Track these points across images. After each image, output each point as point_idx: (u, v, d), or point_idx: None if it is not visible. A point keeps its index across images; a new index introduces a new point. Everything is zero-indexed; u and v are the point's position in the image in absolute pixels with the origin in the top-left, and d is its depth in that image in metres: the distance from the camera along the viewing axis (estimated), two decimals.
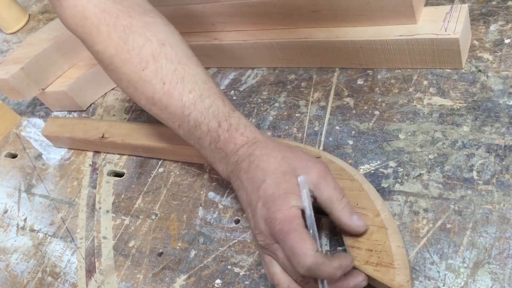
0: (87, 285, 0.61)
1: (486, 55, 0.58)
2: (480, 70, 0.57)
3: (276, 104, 0.67)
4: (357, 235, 0.47)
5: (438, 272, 0.45)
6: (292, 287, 0.45)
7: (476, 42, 0.59)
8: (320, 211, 0.54)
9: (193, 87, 0.53)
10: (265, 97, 0.68)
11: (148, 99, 0.55)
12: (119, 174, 0.72)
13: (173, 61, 0.54)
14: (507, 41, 0.57)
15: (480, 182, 0.49)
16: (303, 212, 0.45)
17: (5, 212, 0.77)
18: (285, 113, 0.65)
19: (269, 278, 0.47)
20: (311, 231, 0.44)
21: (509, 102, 0.53)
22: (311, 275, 0.42)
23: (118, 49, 0.54)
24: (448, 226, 0.48)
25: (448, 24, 0.55)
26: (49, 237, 0.69)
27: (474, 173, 0.50)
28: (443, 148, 0.53)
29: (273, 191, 0.45)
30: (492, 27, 0.59)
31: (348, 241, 0.47)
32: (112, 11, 0.55)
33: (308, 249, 0.41)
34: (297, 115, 0.64)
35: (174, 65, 0.53)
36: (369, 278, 0.45)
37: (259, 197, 0.46)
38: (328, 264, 0.41)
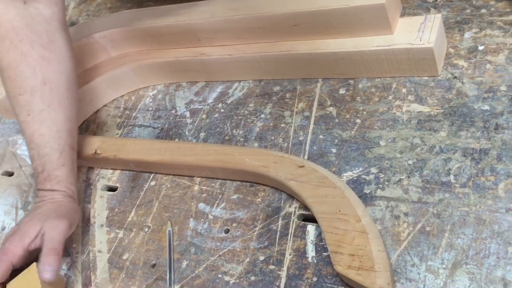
0: None
1: (461, 62, 0.60)
2: (455, 77, 0.59)
3: (262, 116, 0.69)
4: (340, 240, 0.49)
5: (419, 273, 0.47)
6: None
7: (451, 50, 0.61)
8: (307, 219, 0.57)
9: (45, 132, 0.64)
10: (251, 109, 0.70)
11: (14, 115, 0.67)
12: (112, 189, 0.74)
13: (45, 102, 0.65)
14: (480, 47, 0.60)
15: (457, 185, 0.51)
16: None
17: (3, 229, 0.79)
18: (271, 124, 0.67)
19: None
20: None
21: (484, 107, 0.55)
22: None
23: (8, 67, 0.64)
24: (428, 229, 0.50)
25: (422, 34, 0.58)
26: None
27: (451, 177, 0.52)
28: (422, 153, 0.55)
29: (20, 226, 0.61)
30: (467, 35, 0.62)
31: (331, 247, 0.49)
32: (20, 33, 0.64)
33: None
34: (282, 125, 0.66)
35: (44, 106, 0.65)
36: (352, 282, 0.47)
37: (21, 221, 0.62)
38: None
